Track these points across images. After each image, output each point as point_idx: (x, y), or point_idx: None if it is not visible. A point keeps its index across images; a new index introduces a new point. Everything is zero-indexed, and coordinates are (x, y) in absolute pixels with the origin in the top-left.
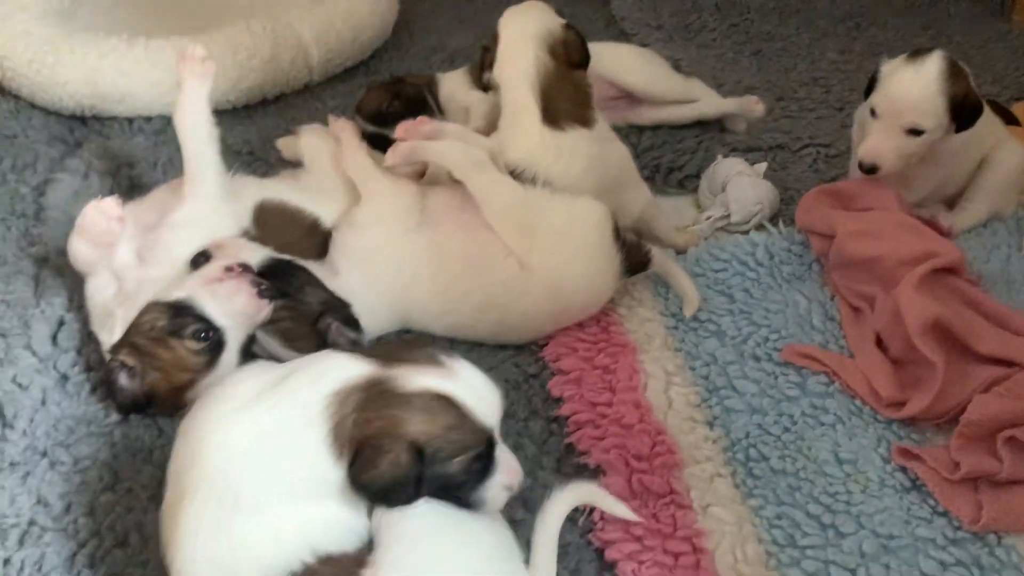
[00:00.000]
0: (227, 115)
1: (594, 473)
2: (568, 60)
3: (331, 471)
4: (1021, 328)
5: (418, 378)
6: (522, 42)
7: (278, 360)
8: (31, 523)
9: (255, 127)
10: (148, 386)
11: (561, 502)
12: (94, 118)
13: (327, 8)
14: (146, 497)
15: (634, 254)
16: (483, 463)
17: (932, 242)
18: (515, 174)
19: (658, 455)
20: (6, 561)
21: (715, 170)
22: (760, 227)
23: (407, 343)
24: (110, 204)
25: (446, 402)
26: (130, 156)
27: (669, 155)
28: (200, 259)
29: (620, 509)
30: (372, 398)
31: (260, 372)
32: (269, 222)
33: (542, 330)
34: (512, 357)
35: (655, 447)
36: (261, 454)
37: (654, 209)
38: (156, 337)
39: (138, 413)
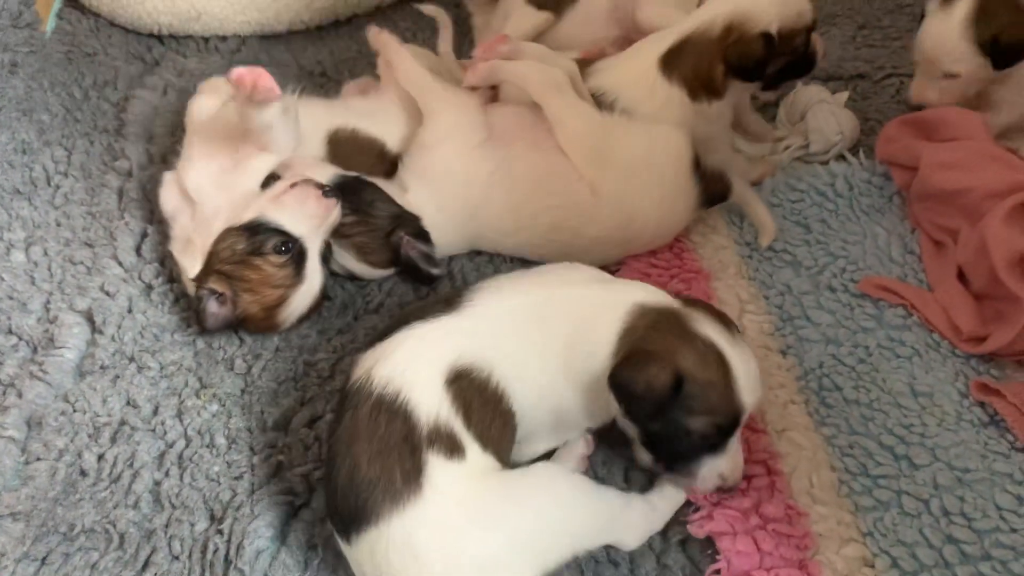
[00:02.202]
0: (300, 35)
1: None
2: (725, 52)
3: (603, 360)
4: None
5: (708, 328)
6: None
7: (353, 275)
8: (122, 423)
9: (327, 48)
10: (241, 310)
11: None
12: (171, 37)
13: None
14: (231, 403)
15: (714, 185)
16: (717, 439)
17: (1022, 173)
18: (596, 98)
19: None
20: (100, 456)
21: (795, 98)
22: (839, 158)
23: (707, 304)
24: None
25: (721, 360)
26: (206, 74)
27: None
28: (271, 181)
29: None
30: (664, 322)
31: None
32: (341, 150)
33: (612, 256)
34: None
35: None
36: (568, 310)
37: (727, 157)
38: (239, 260)
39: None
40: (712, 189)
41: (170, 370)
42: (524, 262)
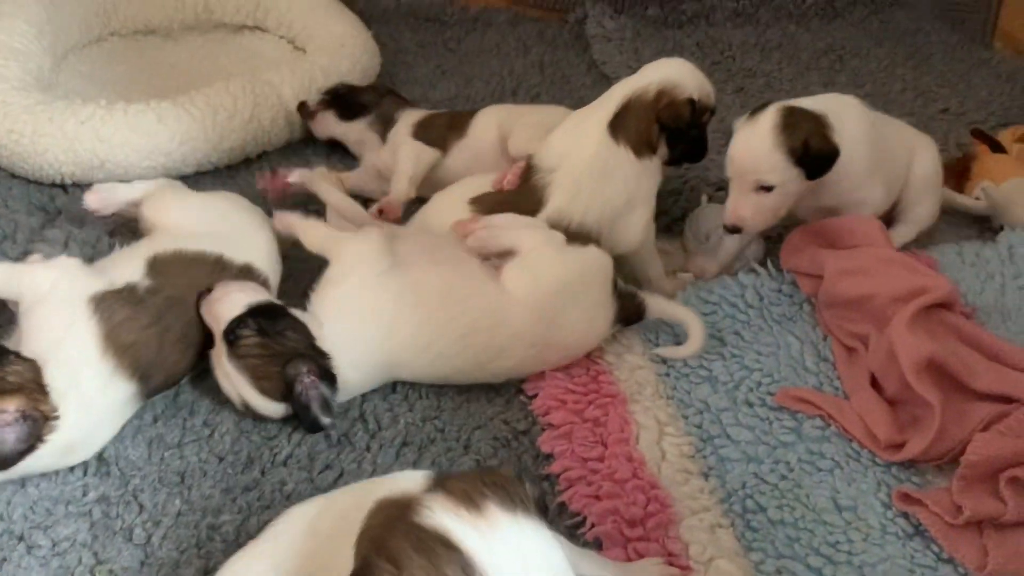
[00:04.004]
0: (209, 176)
1: (591, 546)
2: (658, 113)
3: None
4: (1018, 362)
5: (441, 515)
6: (653, 68)
7: (248, 408)
8: None
9: (237, 187)
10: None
11: None
12: (75, 185)
13: (307, 64)
14: None
15: (628, 302)
16: None
17: (923, 277)
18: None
19: (651, 515)
20: None
21: (698, 219)
22: (748, 269)
23: (484, 471)
24: None
25: (458, 557)
26: (109, 223)
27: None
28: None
29: None
30: (393, 519)
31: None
32: (166, 271)
33: (532, 356)
34: (501, 413)
35: (649, 504)
36: (341, 524)
37: (651, 250)
38: None
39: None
40: (627, 306)
41: (63, 547)
42: (439, 394)
